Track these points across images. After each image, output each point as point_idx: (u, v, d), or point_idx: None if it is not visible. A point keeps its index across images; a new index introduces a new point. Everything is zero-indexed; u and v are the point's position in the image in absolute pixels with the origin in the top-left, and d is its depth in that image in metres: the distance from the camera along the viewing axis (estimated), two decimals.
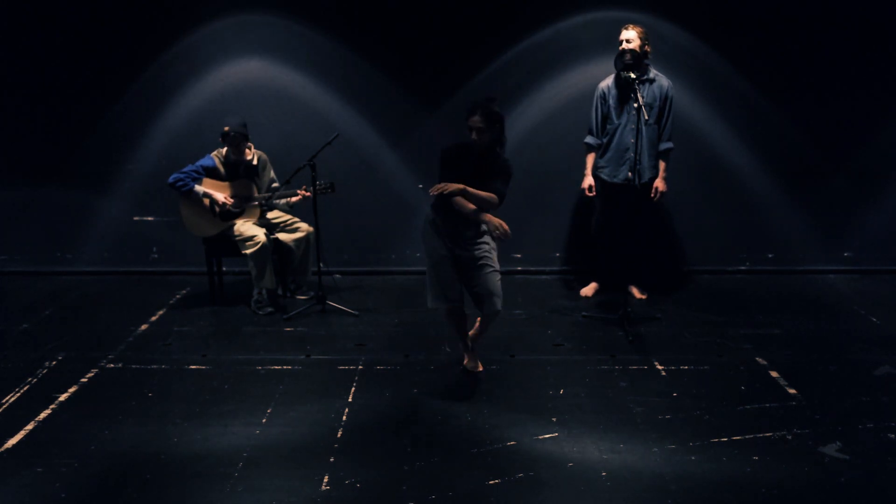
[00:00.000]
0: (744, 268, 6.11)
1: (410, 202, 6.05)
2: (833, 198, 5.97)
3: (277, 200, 5.34)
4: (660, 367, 4.31)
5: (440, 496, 3.09)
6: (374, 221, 6.11)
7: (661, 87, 5.09)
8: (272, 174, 5.47)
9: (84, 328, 5.00)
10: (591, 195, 5.31)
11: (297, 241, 5.32)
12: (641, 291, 5.51)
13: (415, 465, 3.32)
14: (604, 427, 3.64)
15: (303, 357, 4.50)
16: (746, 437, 3.53)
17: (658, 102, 5.08)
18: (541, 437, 3.55)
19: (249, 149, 5.34)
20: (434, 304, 4.05)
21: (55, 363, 4.43)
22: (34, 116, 5.98)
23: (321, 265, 5.26)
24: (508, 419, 3.72)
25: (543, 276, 6.10)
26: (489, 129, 3.80)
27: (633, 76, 4.75)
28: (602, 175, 5.25)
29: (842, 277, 5.97)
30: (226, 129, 5.13)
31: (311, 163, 5.01)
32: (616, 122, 5.14)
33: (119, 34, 5.82)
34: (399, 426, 3.68)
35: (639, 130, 4.70)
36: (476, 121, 3.77)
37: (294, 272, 5.46)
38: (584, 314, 5.15)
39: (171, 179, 5.18)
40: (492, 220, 3.77)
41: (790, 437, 3.53)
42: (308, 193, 5.20)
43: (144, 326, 5.03)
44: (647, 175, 5.14)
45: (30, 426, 3.69)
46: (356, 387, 4.10)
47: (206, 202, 5.25)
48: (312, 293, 5.38)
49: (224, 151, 5.29)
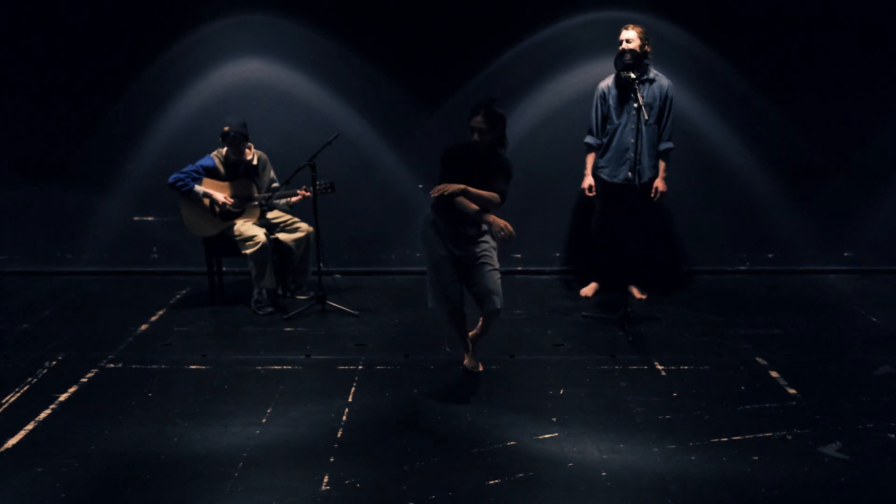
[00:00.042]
0: (744, 268, 6.11)
1: (410, 202, 6.05)
2: (833, 198, 5.97)
3: (277, 200, 5.34)
4: (660, 367, 4.31)
5: (440, 496, 3.09)
6: (374, 221, 6.11)
7: (661, 87, 5.09)
8: (272, 174, 5.47)
9: (84, 328, 5.00)
10: (591, 195, 5.31)
11: (297, 241, 5.32)
12: (641, 291, 5.51)
13: (415, 465, 3.32)
14: (604, 427, 3.64)
15: (303, 357, 4.50)
16: (746, 437, 3.53)
17: (658, 102, 5.08)
18: (541, 437, 3.55)
19: (249, 149, 5.34)
20: (434, 305, 4.05)
21: (55, 363, 4.43)
22: (34, 116, 5.98)
23: (321, 265, 5.26)
24: (508, 419, 3.72)
25: (543, 276, 6.10)
26: (491, 130, 3.80)
27: (633, 76, 4.75)
28: (602, 175, 5.25)
29: (842, 277, 5.97)
30: (226, 129, 5.13)
31: (311, 163, 5.01)
32: (616, 122, 5.14)
33: (119, 34, 5.83)
34: (399, 426, 3.68)
35: (639, 130, 4.70)
36: (478, 121, 3.77)
37: (294, 272, 5.46)
38: (584, 314, 5.15)
39: (171, 179, 5.18)
40: (496, 222, 3.76)
41: (790, 437, 3.53)
42: (308, 193, 5.21)
43: (144, 326, 5.03)
44: (647, 175, 5.14)
45: (30, 426, 3.69)
46: (356, 387, 4.10)
47: (206, 202, 5.25)
48: (312, 293, 5.38)
49: (224, 151, 5.29)
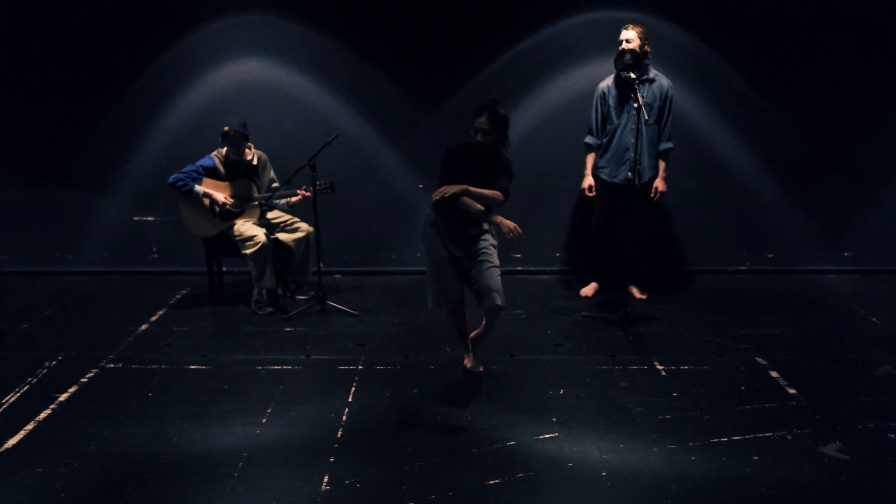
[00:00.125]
0: (744, 268, 6.11)
1: (410, 202, 6.05)
2: (833, 198, 5.97)
3: (277, 200, 5.34)
4: (660, 367, 4.31)
5: (440, 496, 3.09)
6: (374, 221, 6.11)
7: (661, 87, 5.09)
8: (272, 174, 5.47)
9: (84, 328, 5.00)
10: (591, 195, 5.31)
11: (297, 241, 5.32)
12: (641, 291, 5.51)
13: (415, 465, 3.32)
14: (604, 427, 3.64)
15: (303, 357, 4.50)
16: (746, 437, 3.53)
17: (658, 102, 5.08)
18: (541, 437, 3.55)
19: (249, 149, 5.34)
20: (434, 305, 4.05)
21: (55, 363, 4.43)
22: (34, 116, 5.98)
23: (321, 265, 5.26)
24: (508, 419, 3.72)
25: (543, 276, 6.10)
26: (494, 131, 3.80)
27: (633, 76, 4.75)
28: (602, 175, 5.25)
29: (842, 277, 5.97)
30: (226, 129, 5.13)
31: (311, 163, 5.01)
32: (616, 122, 5.14)
33: (119, 34, 5.83)
34: (399, 426, 3.68)
35: (639, 130, 4.70)
36: (482, 122, 3.77)
37: (294, 272, 5.46)
38: (584, 314, 5.15)
39: (171, 179, 5.18)
40: (504, 223, 3.76)
41: (790, 437, 3.53)
42: (308, 193, 5.21)
43: (144, 326, 5.03)
44: (647, 175, 5.14)
45: (30, 426, 3.69)
46: (356, 387, 4.10)
47: (206, 202, 5.25)
48: (312, 293, 5.38)
49: (224, 151, 5.29)
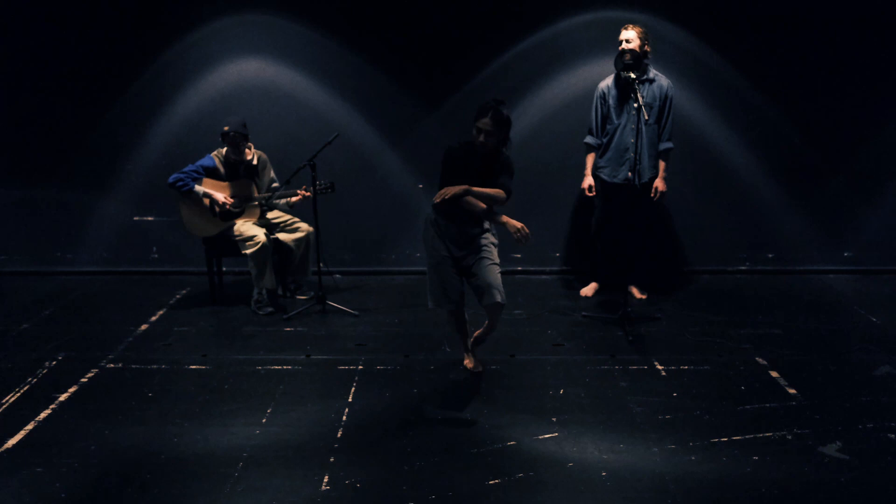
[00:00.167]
0: (744, 268, 6.11)
1: (410, 202, 6.05)
2: (833, 198, 5.97)
3: (277, 200, 5.34)
4: (660, 367, 4.31)
5: (440, 496, 3.09)
6: (374, 221, 6.11)
7: (661, 87, 5.09)
8: (272, 174, 5.47)
9: (84, 328, 5.00)
10: (591, 195, 5.31)
11: (297, 241, 5.32)
12: (641, 291, 5.51)
13: (415, 465, 3.32)
14: (604, 427, 3.64)
15: (303, 357, 4.50)
16: (746, 437, 3.53)
17: (658, 102, 5.08)
18: (541, 437, 3.55)
19: (249, 149, 5.34)
20: (434, 305, 4.05)
21: (55, 363, 4.43)
22: (34, 116, 5.98)
23: (321, 265, 5.26)
24: (508, 419, 3.72)
25: (543, 276, 6.10)
26: (497, 132, 3.80)
27: (633, 76, 4.74)
28: (602, 175, 5.25)
29: (842, 277, 5.97)
30: (225, 129, 5.13)
31: (311, 163, 5.01)
32: (616, 122, 5.14)
33: (119, 34, 5.82)
34: (399, 426, 3.67)
35: (639, 130, 4.70)
36: (486, 123, 3.77)
37: (294, 272, 5.46)
38: (584, 314, 5.15)
39: (171, 179, 5.18)
40: (510, 223, 3.78)
41: (790, 437, 3.53)
42: (308, 193, 5.21)
43: (144, 326, 5.03)
44: (647, 175, 5.15)
45: (30, 426, 3.69)
46: (356, 387, 4.10)
47: (206, 202, 5.25)
48: (312, 293, 5.38)
49: (224, 151, 5.29)
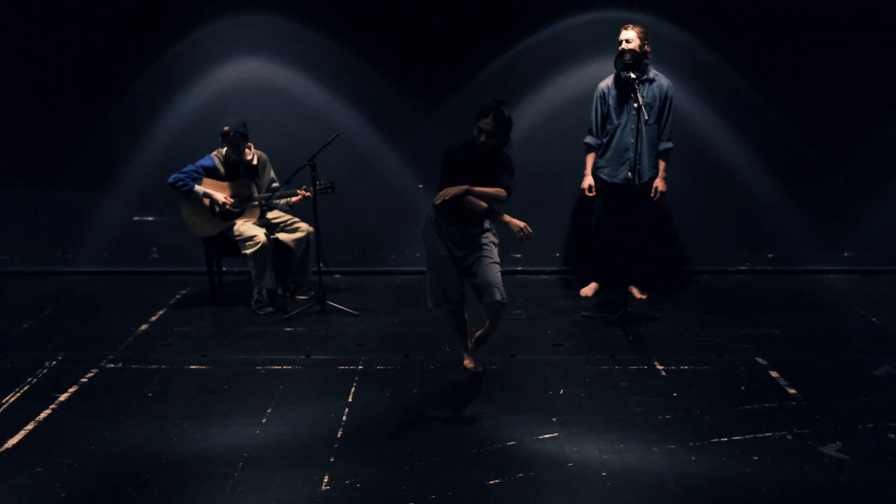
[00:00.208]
0: (744, 268, 6.11)
1: (410, 202, 6.05)
2: (833, 198, 5.97)
3: (277, 200, 5.34)
4: (660, 367, 4.31)
5: (440, 496, 3.09)
6: (374, 221, 6.11)
7: (661, 87, 5.09)
8: (272, 174, 5.47)
9: (84, 328, 5.00)
10: (591, 195, 5.31)
11: (297, 241, 5.32)
12: (641, 291, 5.51)
13: (415, 465, 3.32)
14: (604, 427, 3.64)
15: (303, 357, 4.50)
16: (746, 437, 3.53)
17: (658, 102, 5.08)
18: (541, 437, 3.55)
19: (249, 149, 5.34)
20: (434, 305, 4.05)
21: (55, 363, 4.43)
22: (34, 116, 5.98)
23: (321, 265, 5.26)
24: (508, 419, 3.72)
25: (543, 276, 6.10)
26: (498, 133, 3.80)
27: (633, 76, 4.74)
28: (602, 175, 5.25)
29: (842, 277, 5.97)
30: (226, 129, 5.13)
31: (311, 163, 5.01)
32: (616, 122, 5.14)
33: (119, 34, 5.82)
34: (399, 426, 3.67)
35: (639, 130, 4.70)
36: (487, 123, 3.77)
37: (294, 272, 5.46)
38: (584, 314, 5.15)
39: (171, 179, 5.18)
40: (513, 222, 3.78)
41: (790, 437, 3.53)
42: (308, 193, 5.21)
43: (144, 326, 5.03)
44: (647, 175, 5.15)
45: (30, 426, 3.69)
46: (356, 387, 4.10)
47: (206, 202, 5.25)
48: (312, 293, 5.38)
49: (224, 151, 5.29)
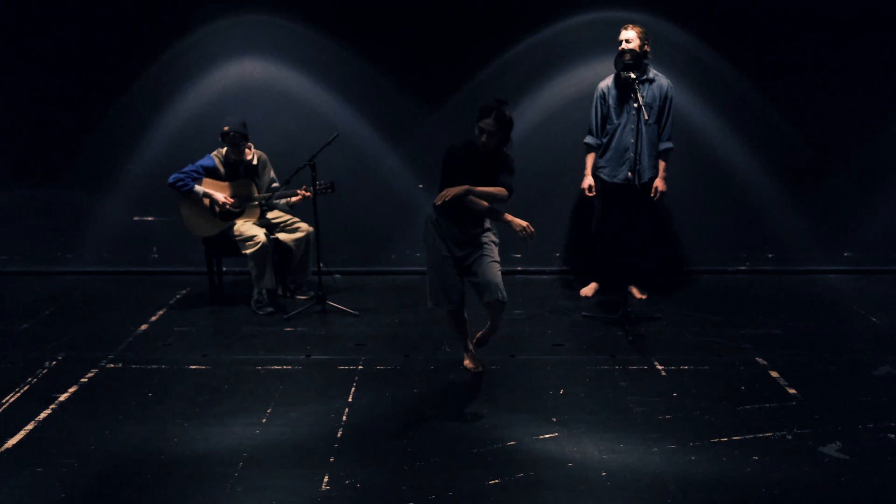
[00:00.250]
0: (744, 268, 6.11)
1: (410, 202, 6.05)
2: (833, 198, 5.96)
3: (277, 200, 5.34)
4: (660, 367, 4.31)
5: (440, 496, 3.09)
6: (374, 221, 6.11)
7: (661, 87, 5.09)
8: (272, 174, 5.47)
9: (84, 328, 5.00)
10: (591, 195, 5.31)
11: (297, 241, 5.32)
12: (641, 291, 5.51)
13: (415, 465, 3.32)
14: (604, 427, 3.64)
15: (303, 357, 4.50)
16: (746, 437, 3.53)
17: (658, 102, 5.08)
18: (541, 437, 3.55)
19: (249, 149, 5.34)
20: (434, 305, 4.05)
21: (55, 363, 4.43)
22: (34, 116, 5.98)
23: (321, 265, 5.26)
24: (508, 419, 3.72)
25: (543, 276, 6.10)
26: (499, 133, 3.80)
27: (633, 76, 4.74)
28: (602, 175, 5.25)
29: (842, 277, 5.97)
30: (225, 129, 5.13)
31: (311, 163, 5.01)
32: (616, 122, 5.14)
33: (119, 34, 5.82)
34: (399, 426, 3.67)
35: (639, 130, 4.70)
36: (489, 124, 3.77)
37: (294, 272, 5.46)
38: (584, 314, 5.15)
39: (171, 179, 5.18)
40: (515, 221, 3.79)
41: (790, 437, 3.53)
42: (308, 193, 5.21)
43: (144, 326, 5.03)
44: (647, 175, 5.14)
45: (30, 426, 3.69)
46: (356, 387, 4.10)
47: (206, 202, 5.25)
48: (312, 293, 5.38)
49: (224, 151, 5.29)
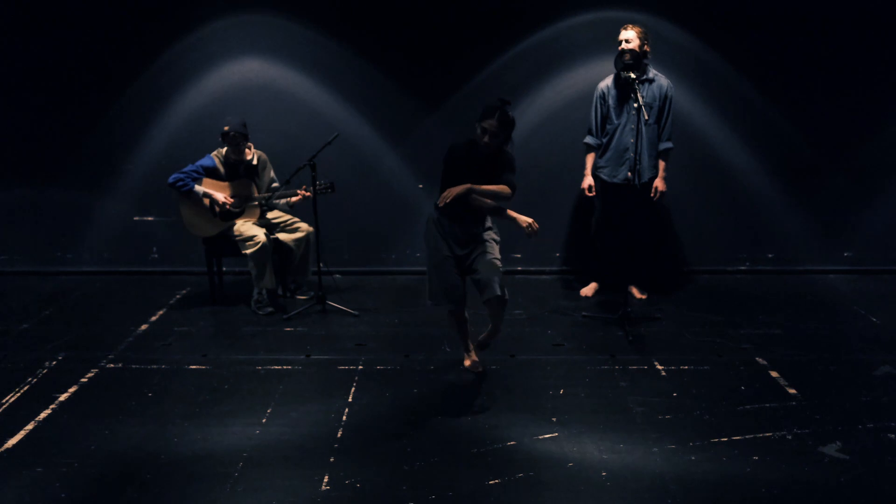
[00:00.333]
0: (744, 268, 6.11)
1: (410, 202, 6.05)
2: (833, 198, 5.96)
3: (277, 200, 5.34)
4: (660, 367, 4.31)
5: (440, 496, 3.09)
6: (374, 221, 6.11)
7: (661, 87, 5.09)
8: (272, 174, 5.47)
9: (84, 328, 5.00)
10: (591, 195, 5.31)
11: (297, 241, 5.32)
12: (641, 291, 5.51)
13: (415, 465, 3.32)
14: (604, 427, 3.64)
15: (303, 357, 4.50)
16: (746, 437, 3.53)
17: (658, 102, 5.08)
18: (541, 437, 3.55)
19: (249, 149, 5.34)
20: (434, 304, 4.04)
21: (55, 363, 4.43)
22: (34, 117, 5.98)
23: (321, 265, 5.26)
24: (508, 419, 3.72)
25: (543, 276, 6.10)
26: (502, 133, 3.81)
27: (633, 76, 4.74)
28: (602, 175, 5.25)
29: (842, 277, 5.97)
30: (226, 129, 5.13)
31: (311, 163, 5.01)
32: (616, 122, 5.14)
33: (118, 34, 5.82)
34: (399, 426, 3.68)
35: (639, 130, 4.70)
36: (492, 124, 3.77)
37: (294, 272, 5.46)
38: (584, 314, 5.15)
39: (171, 179, 5.18)
40: (519, 218, 3.82)
41: (790, 437, 3.53)
42: (308, 193, 5.21)
43: (144, 326, 5.03)
44: (647, 175, 5.14)
45: (30, 426, 3.69)
46: (356, 387, 4.10)
47: (206, 202, 5.25)
48: (312, 293, 5.38)
49: (224, 151, 5.29)
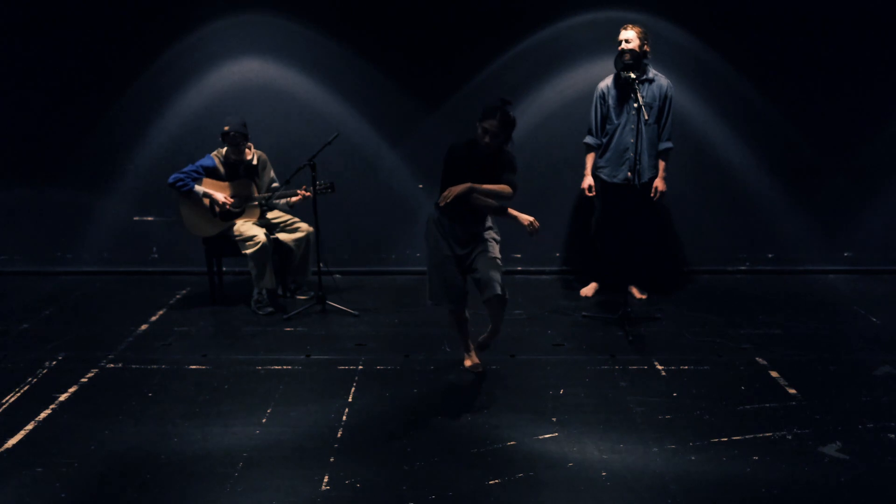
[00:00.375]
0: (744, 268, 6.11)
1: (410, 202, 6.05)
2: (833, 198, 5.96)
3: (277, 200, 5.34)
4: (660, 367, 4.31)
5: (440, 496, 3.09)
6: (374, 221, 6.11)
7: (661, 87, 5.09)
8: (272, 174, 5.47)
9: (84, 328, 5.00)
10: (591, 195, 5.31)
11: (297, 241, 5.32)
12: (641, 291, 5.51)
13: (415, 465, 3.32)
14: (604, 427, 3.64)
15: (303, 357, 4.50)
16: (746, 437, 3.53)
17: (658, 102, 5.08)
18: (541, 437, 3.55)
19: (249, 149, 5.34)
20: (434, 303, 4.04)
21: (55, 363, 4.43)
22: (34, 116, 5.98)
23: (321, 265, 5.26)
24: (508, 419, 3.72)
25: (543, 276, 6.10)
26: (503, 133, 3.81)
27: (633, 76, 4.74)
28: (602, 175, 5.25)
29: (842, 277, 5.97)
30: (226, 129, 5.13)
31: (311, 163, 5.01)
32: (616, 122, 5.14)
33: (119, 34, 5.82)
34: (399, 426, 3.67)
35: (638, 130, 4.70)
36: (493, 125, 3.77)
37: (294, 272, 5.46)
38: (584, 314, 5.15)
39: (171, 179, 5.18)
40: (520, 216, 3.83)
41: (790, 437, 3.53)
42: (308, 193, 5.21)
43: (144, 326, 5.03)
44: (647, 175, 5.14)
45: (30, 426, 3.69)
46: (356, 387, 4.10)
47: (206, 202, 5.25)
48: (312, 293, 5.38)
49: (224, 151, 5.29)
